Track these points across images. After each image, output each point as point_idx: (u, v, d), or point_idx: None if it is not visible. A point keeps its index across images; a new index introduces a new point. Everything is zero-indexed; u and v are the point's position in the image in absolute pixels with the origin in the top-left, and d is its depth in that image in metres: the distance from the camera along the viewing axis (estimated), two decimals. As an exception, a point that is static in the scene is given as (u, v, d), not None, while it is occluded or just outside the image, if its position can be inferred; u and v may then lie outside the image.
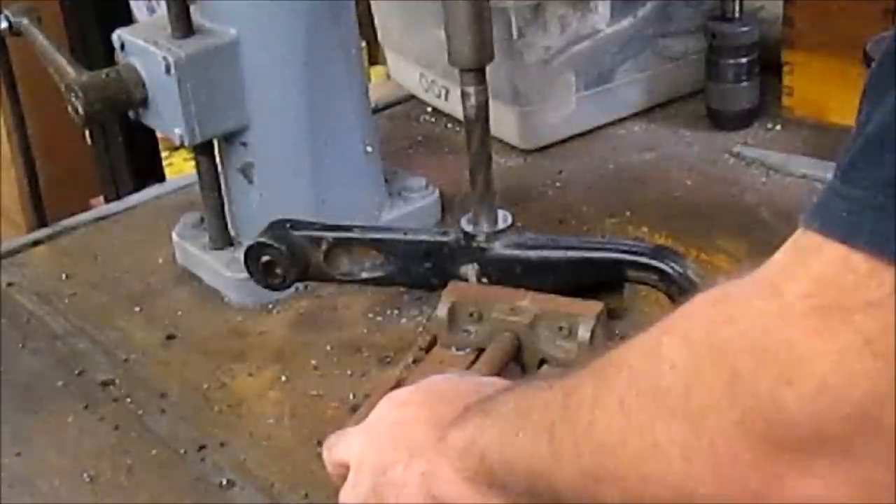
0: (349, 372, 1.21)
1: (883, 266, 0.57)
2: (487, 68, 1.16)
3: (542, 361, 1.13)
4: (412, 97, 1.70)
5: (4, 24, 1.37)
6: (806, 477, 0.61)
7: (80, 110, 1.27)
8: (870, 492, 0.60)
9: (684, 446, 0.64)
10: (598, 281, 1.17)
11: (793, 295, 0.60)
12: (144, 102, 1.29)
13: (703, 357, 0.64)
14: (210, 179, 1.34)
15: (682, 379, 0.64)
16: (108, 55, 1.36)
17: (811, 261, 0.60)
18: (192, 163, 1.36)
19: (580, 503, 0.72)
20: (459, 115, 1.23)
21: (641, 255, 1.16)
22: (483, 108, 1.16)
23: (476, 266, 1.20)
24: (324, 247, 1.23)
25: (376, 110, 1.59)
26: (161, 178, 1.89)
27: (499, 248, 1.19)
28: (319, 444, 0.98)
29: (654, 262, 1.15)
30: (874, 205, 0.58)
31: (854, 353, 0.57)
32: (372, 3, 1.73)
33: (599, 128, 1.58)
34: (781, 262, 0.62)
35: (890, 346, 0.57)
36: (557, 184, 1.49)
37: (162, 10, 1.32)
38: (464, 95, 1.16)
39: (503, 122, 1.49)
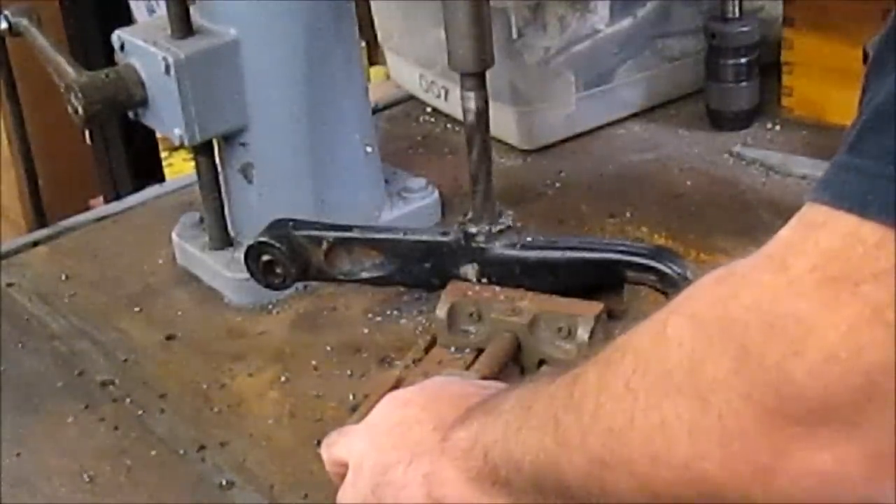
0: (349, 372, 1.21)
1: (891, 236, 0.57)
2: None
3: (542, 362, 1.13)
4: (412, 97, 1.70)
5: (4, 25, 1.37)
6: (815, 449, 0.61)
7: (80, 110, 1.27)
8: (879, 463, 0.60)
9: (692, 423, 0.64)
10: (598, 281, 1.17)
11: (800, 268, 0.60)
12: (144, 102, 1.29)
13: (711, 333, 0.64)
14: (210, 180, 1.34)
15: (689, 356, 0.64)
16: (108, 55, 1.36)
17: (819, 234, 0.60)
18: (192, 163, 1.36)
19: (588, 492, 0.72)
20: (459, 115, 1.23)
21: (640, 255, 1.16)
22: (483, 111, 1.16)
23: (476, 266, 1.20)
24: (324, 246, 1.23)
25: (376, 110, 1.59)
26: (161, 178, 1.89)
27: (499, 248, 1.19)
28: (319, 444, 0.98)
29: (652, 263, 1.15)
30: (884, 175, 0.58)
31: (863, 323, 0.57)
32: (372, 3, 1.73)
33: (599, 128, 1.58)
34: (788, 236, 0.63)
35: None
36: (557, 184, 1.49)
37: (162, 10, 1.32)
38: (464, 99, 1.16)
39: (503, 123, 1.49)
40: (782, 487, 0.62)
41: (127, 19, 1.95)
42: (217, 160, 1.34)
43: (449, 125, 1.63)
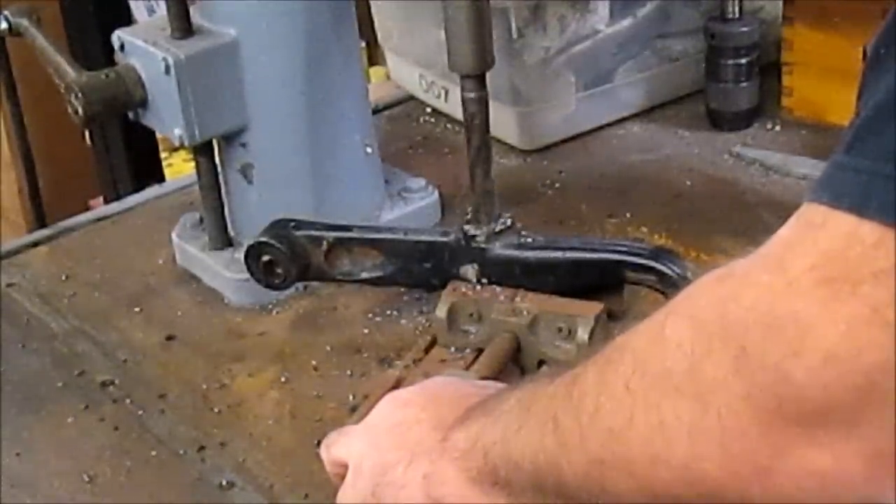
0: (349, 372, 1.21)
1: (891, 235, 0.57)
2: (487, 70, 1.16)
3: (542, 362, 1.13)
4: (412, 98, 1.70)
5: (4, 25, 1.37)
6: (814, 449, 0.61)
7: (80, 111, 1.27)
8: (879, 463, 0.60)
9: (691, 424, 0.64)
10: (598, 281, 1.17)
11: (799, 268, 0.60)
12: (144, 103, 1.29)
13: (710, 334, 0.64)
14: (209, 180, 1.34)
15: (688, 357, 0.64)
16: (108, 55, 1.36)
17: (818, 234, 0.60)
18: (192, 163, 1.36)
19: (587, 492, 0.72)
20: (459, 115, 1.23)
21: (640, 256, 1.16)
22: (483, 112, 1.16)
23: (476, 266, 1.20)
24: (324, 246, 1.23)
25: (376, 111, 1.59)
26: (161, 178, 1.89)
27: (498, 248, 1.19)
28: (319, 444, 0.98)
29: (652, 264, 1.15)
30: (883, 174, 0.58)
31: (862, 323, 0.57)
32: (372, 3, 1.73)
33: (599, 128, 1.58)
34: (787, 236, 0.62)
35: None
36: (557, 184, 1.49)
37: (162, 10, 1.32)
38: (464, 101, 1.16)
39: (503, 123, 1.49)
40: (782, 488, 0.62)
41: (127, 19, 1.94)
42: (217, 160, 1.34)
43: (449, 125, 1.63)
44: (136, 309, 1.34)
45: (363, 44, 1.86)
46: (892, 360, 0.57)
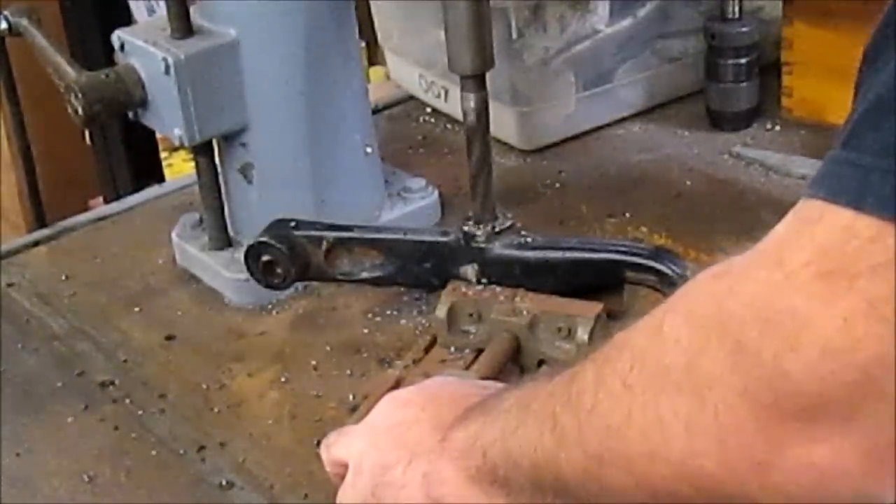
0: (349, 372, 1.21)
1: (888, 229, 0.57)
2: (487, 70, 1.16)
3: (541, 362, 1.14)
4: (412, 98, 1.70)
5: (4, 25, 1.37)
6: (812, 444, 0.61)
7: (80, 111, 1.27)
8: (876, 458, 0.60)
9: (689, 419, 0.64)
10: (598, 281, 1.17)
11: (796, 263, 0.60)
12: (144, 103, 1.29)
13: (707, 330, 0.64)
14: (209, 180, 1.34)
15: (686, 353, 0.64)
16: (107, 55, 1.36)
17: (815, 228, 0.60)
18: (192, 163, 1.36)
19: (586, 489, 0.72)
20: (459, 115, 1.23)
21: (640, 255, 1.17)
22: (483, 112, 1.16)
23: (476, 266, 1.20)
24: (324, 246, 1.23)
25: (376, 111, 1.59)
26: (160, 178, 1.89)
27: (498, 248, 1.19)
28: (319, 444, 0.98)
29: (652, 264, 1.15)
30: (880, 168, 0.58)
31: (858, 317, 0.57)
32: (372, 3, 1.73)
33: (599, 128, 1.58)
34: (784, 232, 0.63)
35: (894, 310, 0.57)
36: (557, 184, 1.49)
37: (162, 10, 1.32)
38: (464, 101, 1.16)
39: (503, 123, 1.49)
40: (779, 482, 0.62)
41: (127, 19, 1.95)
42: (217, 160, 1.34)
43: (449, 125, 1.63)
44: (136, 309, 1.34)
45: (363, 44, 1.87)
46: (890, 353, 0.57)
